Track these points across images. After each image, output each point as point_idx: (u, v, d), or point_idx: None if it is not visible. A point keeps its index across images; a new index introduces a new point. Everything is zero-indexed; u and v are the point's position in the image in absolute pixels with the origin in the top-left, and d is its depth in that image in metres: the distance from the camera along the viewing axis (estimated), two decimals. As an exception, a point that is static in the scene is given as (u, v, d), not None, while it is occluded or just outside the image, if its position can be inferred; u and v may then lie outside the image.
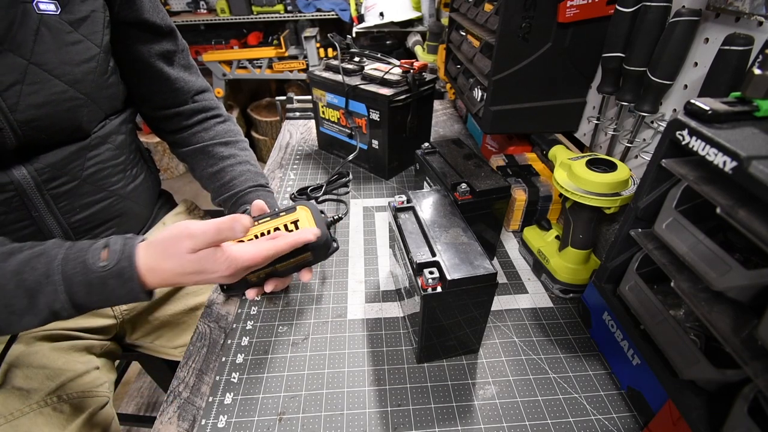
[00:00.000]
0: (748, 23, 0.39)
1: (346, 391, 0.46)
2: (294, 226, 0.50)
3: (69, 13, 0.48)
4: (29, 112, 0.46)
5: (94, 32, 0.51)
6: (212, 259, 0.41)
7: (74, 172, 0.53)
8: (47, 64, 0.46)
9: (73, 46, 0.49)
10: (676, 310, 0.39)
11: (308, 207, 0.52)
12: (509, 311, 0.55)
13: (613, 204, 0.47)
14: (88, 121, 0.53)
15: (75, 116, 0.50)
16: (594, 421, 0.42)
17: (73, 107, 0.50)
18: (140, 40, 0.58)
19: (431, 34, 1.37)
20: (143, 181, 0.66)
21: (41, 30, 0.46)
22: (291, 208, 0.51)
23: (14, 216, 0.50)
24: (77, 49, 0.49)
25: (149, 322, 0.68)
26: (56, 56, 0.47)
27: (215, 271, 0.41)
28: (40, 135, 0.48)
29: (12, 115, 0.45)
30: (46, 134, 0.49)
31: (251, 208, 0.54)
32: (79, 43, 0.49)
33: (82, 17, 0.49)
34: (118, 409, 1.27)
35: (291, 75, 2.32)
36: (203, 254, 0.41)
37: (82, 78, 0.50)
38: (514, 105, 0.64)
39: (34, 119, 0.46)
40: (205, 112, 0.69)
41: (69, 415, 0.54)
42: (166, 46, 0.61)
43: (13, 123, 0.45)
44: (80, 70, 0.50)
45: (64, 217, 0.54)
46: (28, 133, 0.47)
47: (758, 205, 0.27)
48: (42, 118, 0.47)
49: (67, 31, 0.48)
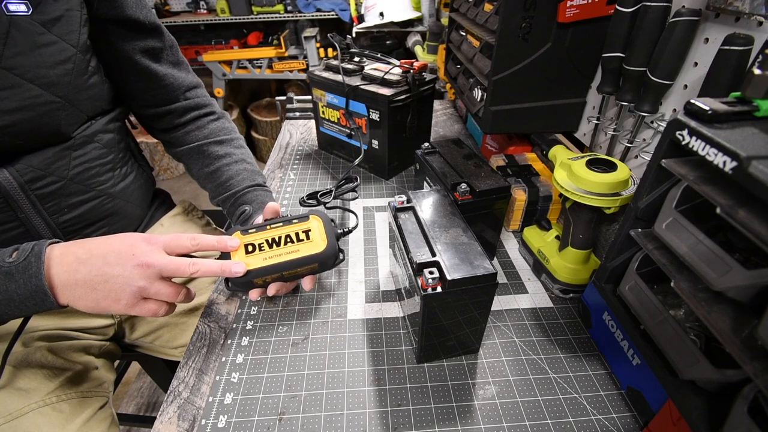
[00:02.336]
0: (748, 23, 0.39)
1: (346, 391, 0.46)
2: (305, 236, 0.50)
3: (41, 14, 0.46)
4: (2, 119, 0.44)
5: (70, 32, 0.49)
6: (123, 261, 0.42)
7: (59, 172, 0.52)
8: (18, 68, 0.45)
9: (47, 47, 0.47)
10: (676, 310, 0.39)
11: (320, 217, 0.52)
12: (509, 311, 0.55)
13: (613, 204, 0.47)
14: (67, 124, 0.51)
15: (52, 120, 0.49)
16: (594, 421, 0.42)
17: (49, 111, 0.48)
18: (123, 37, 0.56)
19: (431, 34, 1.37)
20: (134, 180, 0.65)
21: (11, 32, 0.44)
22: (304, 216, 0.52)
23: (0, 218, 0.49)
24: (51, 50, 0.47)
25: (148, 322, 0.68)
26: (28, 59, 0.45)
27: (120, 275, 0.42)
28: (15, 141, 0.47)
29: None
30: (22, 140, 0.47)
31: (265, 210, 0.54)
32: (53, 44, 0.47)
33: (55, 17, 0.47)
34: (118, 409, 1.27)
35: (291, 75, 2.33)
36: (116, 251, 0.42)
37: (57, 80, 0.48)
38: (514, 105, 0.64)
39: (7, 125, 0.45)
40: (198, 110, 0.68)
41: (69, 415, 0.54)
42: (151, 42, 0.60)
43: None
44: (55, 73, 0.48)
45: (52, 218, 0.53)
46: (3, 139, 0.45)
47: (758, 205, 0.27)
48: (16, 123, 0.46)
49: (40, 33, 0.46)
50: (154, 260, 0.43)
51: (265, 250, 0.48)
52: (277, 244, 0.49)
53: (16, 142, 0.47)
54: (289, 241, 0.49)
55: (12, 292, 0.40)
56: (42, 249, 0.42)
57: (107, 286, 0.41)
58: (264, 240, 0.49)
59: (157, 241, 0.44)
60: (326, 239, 0.50)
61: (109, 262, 0.42)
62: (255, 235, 0.49)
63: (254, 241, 0.49)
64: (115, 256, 0.42)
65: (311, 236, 0.50)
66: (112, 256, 0.42)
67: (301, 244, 0.49)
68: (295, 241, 0.49)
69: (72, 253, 0.42)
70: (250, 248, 0.48)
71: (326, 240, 0.50)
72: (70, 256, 0.42)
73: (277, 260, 0.47)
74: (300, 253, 0.48)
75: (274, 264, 0.47)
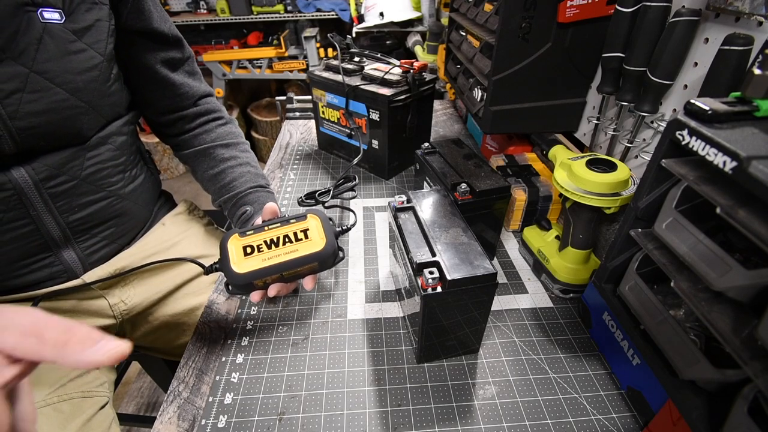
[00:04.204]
0: (747, 23, 0.39)
1: (346, 391, 0.46)
2: (303, 235, 0.50)
3: (73, 22, 0.48)
4: (29, 120, 0.46)
5: (98, 41, 0.51)
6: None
7: (73, 172, 0.53)
8: (49, 73, 0.46)
9: (76, 54, 0.49)
10: (676, 310, 0.39)
11: (318, 216, 0.52)
12: (509, 311, 0.55)
13: (613, 204, 0.47)
14: (88, 128, 0.53)
15: (75, 123, 0.51)
16: (594, 421, 0.42)
17: (73, 115, 0.50)
18: (147, 48, 0.59)
19: (431, 34, 1.37)
20: (143, 182, 0.66)
21: (44, 38, 0.46)
22: (301, 216, 0.51)
23: (12, 215, 0.50)
24: (80, 57, 0.49)
25: (149, 322, 0.68)
26: (58, 65, 0.47)
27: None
28: (38, 141, 0.48)
29: (11, 123, 0.45)
30: (44, 141, 0.49)
31: (263, 210, 0.54)
32: (82, 51, 0.49)
33: (86, 26, 0.50)
34: (118, 409, 1.26)
35: (291, 75, 2.33)
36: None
37: (83, 86, 0.50)
38: (514, 105, 0.64)
39: (33, 126, 0.47)
40: (207, 115, 0.70)
41: (69, 415, 0.54)
42: (172, 53, 0.62)
43: (12, 130, 0.45)
44: (82, 79, 0.50)
45: (62, 216, 0.54)
46: (26, 140, 0.47)
47: (758, 205, 0.27)
48: (41, 125, 0.47)
49: (71, 40, 0.48)
50: None
51: (263, 251, 0.48)
52: (275, 245, 0.49)
53: (39, 143, 0.49)
54: (288, 241, 0.49)
55: None
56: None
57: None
58: (262, 241, 0.49)
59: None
60: (325, 237, 0.50)
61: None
62: (253, 237, 0.49)
63: (252, 242, 0.49)
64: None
65: (309, 235, 0.50)
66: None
67: (300, 244, 0.49)
68: (294, 241, 0.49)
69: None
70: (248, 250, 0.48)
71: (325, 238, 0.50)
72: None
73: (277, 261, 0.47)
74: (299, 252, 0.48)
75: (273, 265, 0.47)
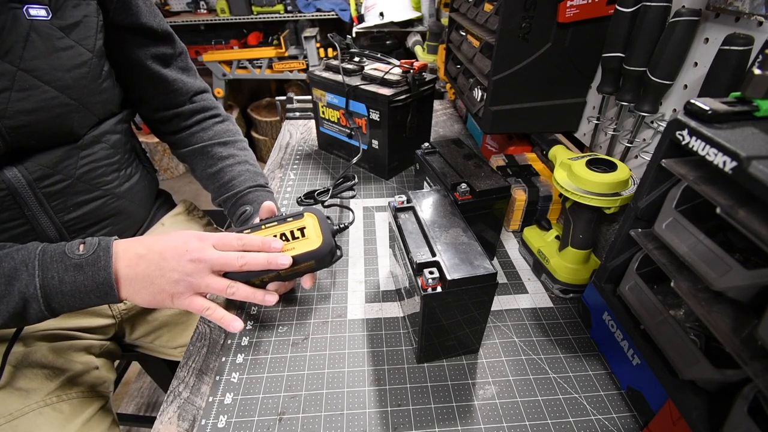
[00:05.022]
0: (748, 23, 0.39)
1: (346, 391, 0.46)
2: (300, 233, 0.50)
3: (60, 19, 0.48)
4: (18, 119, 0.46)
5: (87, 37, 0.51)
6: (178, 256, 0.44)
7: (67, 171, 0.53)
8: (37, 70, 0.46)
9: (64, 51, 0.48)
10: (676, 310, 0.39)
11: (315, 214, 0.52)
12: (509, 311, 0.55)
13: (613, 204, 0.47)
14: (79, 126, 0.52)
15: (65, 122, 0.50)
16: (594, 421, 0.42)
17: (63, 113, 0.49)
18: (136, 44, 0.58)
19: (431, 34, 1.37)
20: (139, 181, 0.66)
21: (31, 36, 0.45)
22: (298, 214, 0.52)
23: (7, 215, 0.50)
24: (68, 54, 0.49)
25: (149, 322, 0.68)
26: (46, 62, 0.47)
27: (175, 269, 0.44)
28: (29, 140, 0.48)
29: (0, 122, 0.44)
30: (35, 139, 0.49)
31: (261, 209, 0.54)
32: (70, 48, 0.49)
33: (74, 22, 0.49)
34: (118, 409, 1.27)
35: (291, 75, 2.33)
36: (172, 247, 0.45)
37: (73, 84, 0.49)
38: (514, 105, 0.64)
39: (23, 125, 0.46)
40: (204, 112, 0.69)
41: (69, 415, 0.54)
42: (163, 49, 0.61)
43: (1, 129, 0.45)
44: (71, 76, 0.49)
45: (57, 216, 0.54)
46: (17, 139, 0.46)
47: (758, 205, 0.27)
48: (31, 124, 0.47)
49: (58, 37, 0.48)
50: (205, 255, 0.45)
51: None
52: None
53: (30, 142, 0.48)
54: (285, 240, 0.49)
55: (80, 284, 0.42)
56: (109, 244, 0.44)
57: (163, 280, 0.44)
58: None
59: (208, 238, 0.47)
60: (322, 236, 0.50)
61: (166, 257, 0.44)
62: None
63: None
64: (170, 252, 0.44)
65: (306, 233, 0.50)
66: (168, 251, 0.44)
67: (297, 242, 0.49)
68: (290, 239, 0.49)
69: (132, 249, 0.45)
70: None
71: (322, 236, 0.50)
72: (131, 252, 0.44)
73: None
74: (296, 250, 0.48)
75: None
